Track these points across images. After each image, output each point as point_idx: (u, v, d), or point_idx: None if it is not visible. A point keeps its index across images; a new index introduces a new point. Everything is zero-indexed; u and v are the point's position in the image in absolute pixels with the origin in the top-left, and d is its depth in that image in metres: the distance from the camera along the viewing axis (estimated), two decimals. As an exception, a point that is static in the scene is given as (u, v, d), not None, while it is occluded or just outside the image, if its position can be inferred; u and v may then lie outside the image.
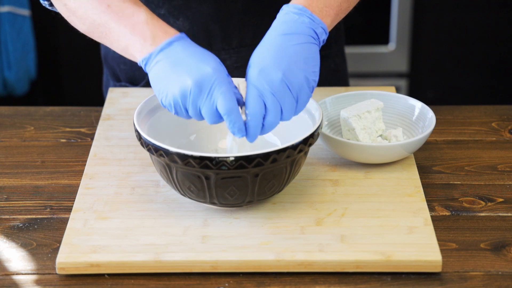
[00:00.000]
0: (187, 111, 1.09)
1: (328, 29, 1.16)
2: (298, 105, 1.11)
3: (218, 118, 1.08)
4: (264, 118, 1.10)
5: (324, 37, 1.15)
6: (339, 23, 1.55)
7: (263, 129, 1.10)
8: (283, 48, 1.10)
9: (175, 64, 1.09)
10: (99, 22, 1.15)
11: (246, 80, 1.11)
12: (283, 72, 1.09)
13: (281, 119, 1.10)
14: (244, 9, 1.42)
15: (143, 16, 1.13)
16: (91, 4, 1.16)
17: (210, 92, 1.07)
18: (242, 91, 1.11)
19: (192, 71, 1.07)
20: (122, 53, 1.16)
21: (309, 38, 1.12)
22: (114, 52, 1.52)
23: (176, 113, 1.10)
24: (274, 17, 1.17)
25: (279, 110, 1.09)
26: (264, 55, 1.10)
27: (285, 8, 1.15)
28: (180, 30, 1.42)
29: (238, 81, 1.13)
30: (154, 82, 1.11)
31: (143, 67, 1.12)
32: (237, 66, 1.46)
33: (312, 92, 1.12)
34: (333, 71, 1.56)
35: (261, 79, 1.09)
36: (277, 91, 1.08)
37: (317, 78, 1.12)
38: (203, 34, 1.43)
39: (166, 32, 1.12)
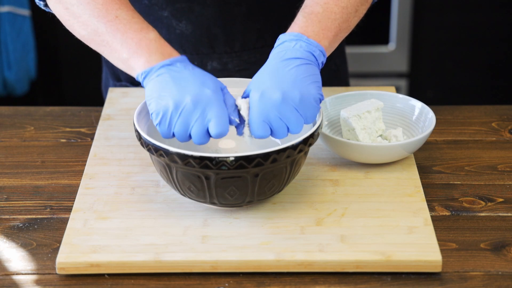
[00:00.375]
0: (170, 125, 1.09)
1: (328, 50, 1.18)
2: (307, 120, 1.12)
3: (206, 139, 1.10)
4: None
5: (322, 59, 1.17)
6: None
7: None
8: (281, 72, 1.12)
9: (176, 79, 1.10)
10: (102, 30, 1.16)
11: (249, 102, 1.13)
12: (282, 92, 1.10)
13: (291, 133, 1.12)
14: (248, 13, 1.42)
15: (152, 34, 1.15)
16: (97, 12, 1.16)
17: (204, 112, 1.08)
18: (245, 111, 1.12)
19: (190, 88, 1.09)
20: (119, 63, 1.17)
21: (306, 60, 1.14)
22: None
23: (159, 123, 1.10)
24: (277, 21, 1.18)
25: (285, 129, 1.11)
26: (264, 80, 1.12)
27: (281, 37, 1.17)
28: (182, 32, 1.42)
29: (240, 102, 1.13)
30: (149, 91, 1.11)
31: (141, 81, 1.13)
32: (238, 70, 1.46)
33: (318, 104, 1.13)
34: (334, 72, 1.56)
35: (264, 102, 1.10)
36: (281, 111, 1.10)
37: (320, 91, 1.13)
38: (205, 37, 1.43)
39: (171, 53, 1.14)
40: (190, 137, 1.10)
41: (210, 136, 1.10)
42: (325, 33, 1.18)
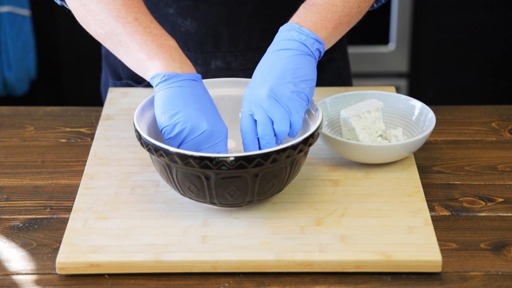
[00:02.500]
0: (181, 143, 1.12)
1: (327, 41, 1.19)
2: (292, 115, 1.14)
3: None
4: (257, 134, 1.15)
5: (317, 46, 1.18)
6: None
7: (260, 144, 1.15)
8: (272, 64, 1.15)
9: (199, 101, 1.13)
10: (120, 31, 1.17)
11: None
12: (269, 87, 1.13)
13: (276, 130, 1.14)
14: (253, 12, 1.42)
15: (171, 42, 1.17)
16: (117, 12, 1.17)
17: (217, 145, 1.12)
18: None
19: (209, 116, 1.12)
20: (133, 65, 1.17)
21: (298, 51, 1.16)
22: None
23: (171, 139, 1.12)
24: (282, 21, 1.19)
25: (269, 122, 1.13)
26: (256, 74, 1.16)
27: (280, 28, 1.19)
28: (187, 30, 1.43)
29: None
30: (166, 100, 1.12)
31: (156, 82, 1.14)
32: (242, 69, 1.46)
33: (306, 101, 1.15)
34: (337, 75, 1.56)
35: (251, 97, 1.15)
36: (266, 106, 1.13)
37: (309, 86, 1.15)
38: (210, 36, 1.43)
39: (193, 68, 1.16)
40: None
41: None
42: (323, 23, 1.19)
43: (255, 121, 1.14)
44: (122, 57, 1.19)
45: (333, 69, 1.55)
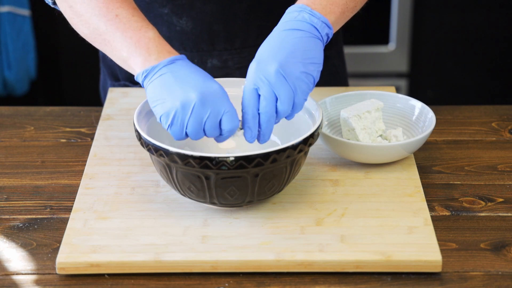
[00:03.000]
0: (182, 125, 1.09)
1: (334, 26, 1.18)
2: (296, 96, 1.11)
3: (218, 133, 1.11)
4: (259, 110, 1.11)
5: (327, 30, 1.16)
6: None
7: (261, 120, 1.11)
8: (281, 42, 1.12)
9: (179, 78, 1.10)
10: (103, 30, 1.16)
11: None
12: (279, 63, 1.10)
13: (278, 108, 1.11)
14: (249, 10, 1.42)
15: (151, 32, 1.14)
16: (98, 11, 1.16)
17: (216, 107, 1.08)
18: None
19: (197, 86, 1.09)
20: (121, 63, 1.17)
21: (308, 33, 1.13)
22: None
23: (170, 125, 1.09)
24: (278, 18, 1.18)
25: (274, 99, 1.10)
26: (263, 50, 1.13)
27: (288, 9, 1.17)
28: (183, 29, 1.42)
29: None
30: (152, 94, 1.10)
31: (140, 81, 1.13)
32: (238, 67, 1.45)
33: (312, 83, 1.13)
34: (333, 73, 1.56)
35: (258, 71, 1.10)
36: (273, 81, 1.10)
37: (317, 69, 1.13)
38: (206, 34, 1.43)
39: (170, 52, 1.13)
40: (204, 133, 1.10)
41: (221, 131, 1.10)
42: (332, 8, 1.17)
43: (259, 96, 1.11)
44: (110, 56, 1.18)
45: (329, 67, 1.54)
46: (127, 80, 1.53)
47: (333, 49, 1.55)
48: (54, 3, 1.28)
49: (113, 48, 1.16)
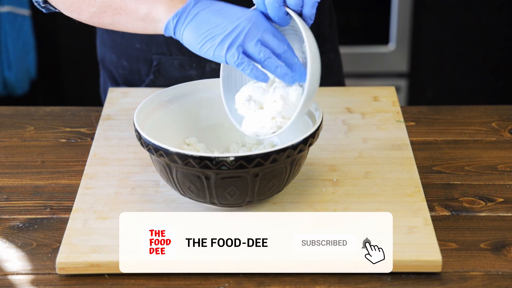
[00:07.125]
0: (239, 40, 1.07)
1: None
2: None
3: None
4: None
5: None
6: (330, 18, 1.55)
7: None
8: None
9: (217, 11, 1.09)
10: None
11: None
12: None
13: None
14: None
15: None
16: None
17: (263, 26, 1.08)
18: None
19: (239, 13, 1.08)
20: (140, 26, 1.15)
21: None
22: (111, 56, 1.51)
23: (238, 35, 1.07)
24: None
25: None
26: None
27: None
28: None
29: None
30: (195, 33, 1.08)
31: (172, 28, 1.11)
32: None
33: None
34: (328, 67, 1.56)
35: None
36: None
37: None
38: None
39: None
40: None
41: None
42: None
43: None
44: (126, 26, 1.16)
45: (324, 60, 1.54)
46: (126, 84, 1.52)
47: (329, 44, 1.55)
48: (45, 1, 1.25)
49: (127, 12, 1.14)
